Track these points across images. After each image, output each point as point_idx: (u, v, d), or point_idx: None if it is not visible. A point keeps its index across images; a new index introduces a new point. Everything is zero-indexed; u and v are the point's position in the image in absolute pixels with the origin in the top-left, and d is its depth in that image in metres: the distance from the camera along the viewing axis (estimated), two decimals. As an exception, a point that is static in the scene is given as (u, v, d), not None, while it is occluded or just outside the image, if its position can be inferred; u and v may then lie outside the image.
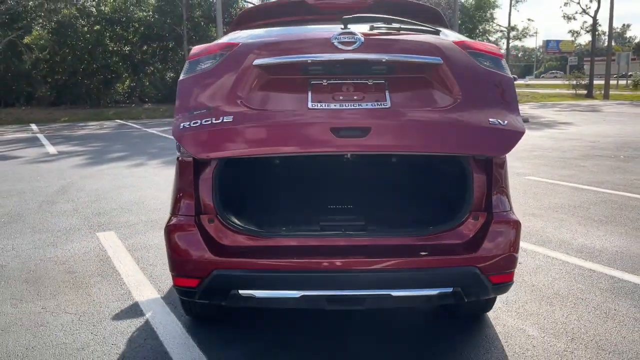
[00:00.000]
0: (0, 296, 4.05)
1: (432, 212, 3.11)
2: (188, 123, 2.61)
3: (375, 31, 2.85)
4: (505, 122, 2.61)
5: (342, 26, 2.80)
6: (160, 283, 4.26)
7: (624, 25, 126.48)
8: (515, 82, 2.99)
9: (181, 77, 2.83)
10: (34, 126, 20.20)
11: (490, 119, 2.60)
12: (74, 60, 30.53)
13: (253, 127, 2.60)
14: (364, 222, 3.02)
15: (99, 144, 14.29)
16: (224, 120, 2.58)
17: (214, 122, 2.58)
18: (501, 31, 42.59)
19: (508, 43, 42.36)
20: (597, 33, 39.78)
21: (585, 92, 37.23)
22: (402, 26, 2.93)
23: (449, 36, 3.03)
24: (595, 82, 37.97)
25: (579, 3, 38.43)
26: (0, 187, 8.23)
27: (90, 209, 6.79)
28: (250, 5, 33.08)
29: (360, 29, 2.80)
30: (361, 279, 2.66)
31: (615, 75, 46.81)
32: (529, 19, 66.69)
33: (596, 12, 37.47)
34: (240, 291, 2.66)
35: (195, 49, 2.94)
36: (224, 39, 3.14)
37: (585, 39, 39.34)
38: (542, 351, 3.15)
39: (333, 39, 2.70)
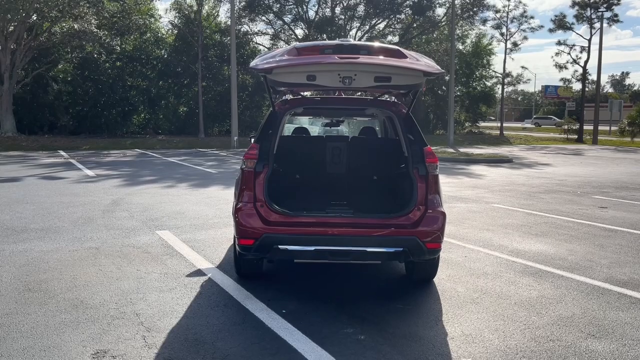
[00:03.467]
0: (105, 263, 5.94)
1: (393, 205, 5.05)
2: (257, 63, 4.65)
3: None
4: (426, 67, 4.61)
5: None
6: (213, 260, 6.14)
7: (622, 72, 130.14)
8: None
9: (255, 61, 4.87)
10: (63, 152, 22.24)
11: (421, 67, 4.60)
12: (95, 93, 32.95)
13: (295, 58, 4.63)
14: (352, 210, 4.97)
15: (129, 169, 16.27)
16: (278, 58, 4.61)
17: (272, 60, 4.62)
18: (496, 77, 45.15)
19: (503, 88, 44.79)
20: (587, 81, 42.15)
21: (576, 137, 39.42)
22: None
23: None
24: (589, 127, 40.16)
25: (569, 54, 40.75)
26: (64, 199, 10.16)
27: (143, 216, 8.70)
28: (263, 49, 35.64)
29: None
30: (350, 240, 4.59)
31: (609, 121, 49.18)
32: (522, 67, 69.60)
33: (586, 62, 39.91)
34: (279, 246, 4.58)
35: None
36: None
37: (578, 86, 41.92)
38: (463, 297, 5.04)
39: (338, 39, 4.92)
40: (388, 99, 5.98)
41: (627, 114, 45.94)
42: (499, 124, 45.27)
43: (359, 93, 7.20)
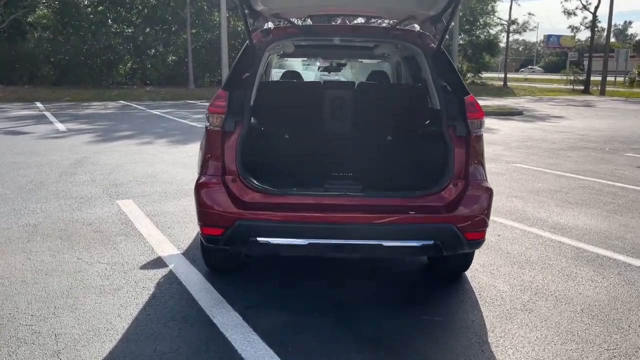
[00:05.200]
0: (39, 248, 4.59)
1: (419, 178, 3.66)
2: None
3: None
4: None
5: None
6: (179, 242, 4.81)
7: (625, 22, 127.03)
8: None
9: None
10: (39, 104, 20.60)
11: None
12: (77, 41, 30.90)
13: None
14: (361, 186, 3.57)
15: (106, 122, 14.76)
16: None
17: None
18: (501, 24, 43.02)
19: (508, 36, 42.80)
20: (596, 29, 40.16)
21: (582, 87, 37.68)
22: None
23: None
24: (594, 78, 38.40)
25: (579, -1, 38.58)
26: (18, 159, 8.74)
27: (106, 180, 7.32)
28: None
29: None
30: (359, 230, 3.22)
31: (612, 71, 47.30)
32: (529, 13, 66.31)
33: (596, 8, 37.84)
34: (259, 239, 3.22)
35: None
36: None
37: (585, 34, 39.67)
38: (509, 300, 3.73)
39: None
40: (409, 29, 4.36)
41: (637, 64, 44.09)
42: (500, 75, 43.44)
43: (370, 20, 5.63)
